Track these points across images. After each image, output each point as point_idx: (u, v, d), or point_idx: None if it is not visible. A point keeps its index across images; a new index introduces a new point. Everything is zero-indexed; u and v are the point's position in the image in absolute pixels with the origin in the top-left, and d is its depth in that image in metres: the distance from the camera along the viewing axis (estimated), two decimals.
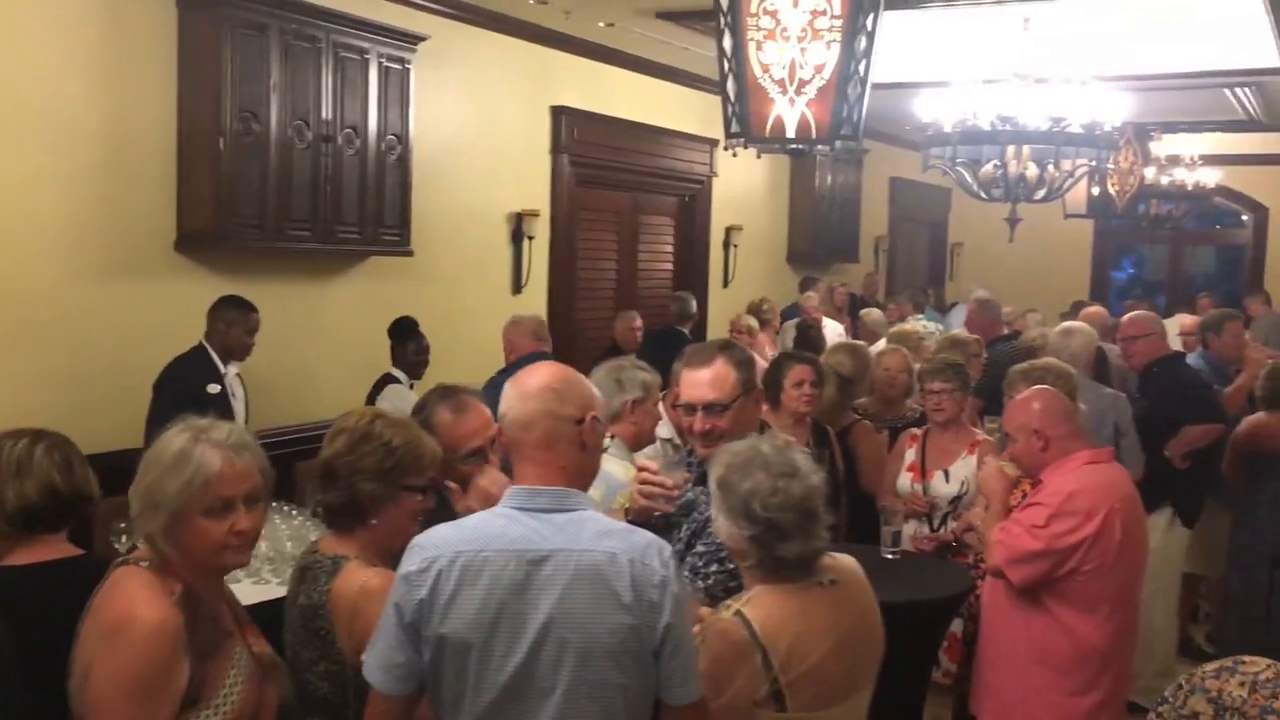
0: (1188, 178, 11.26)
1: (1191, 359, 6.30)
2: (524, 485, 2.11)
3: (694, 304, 8.47)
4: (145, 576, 2.04)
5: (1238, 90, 9.17)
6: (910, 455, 4.75)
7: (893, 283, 12.61)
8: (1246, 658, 1.71)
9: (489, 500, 2.47)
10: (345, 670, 2.22)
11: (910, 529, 4.54)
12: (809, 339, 7.80)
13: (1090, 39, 7.27)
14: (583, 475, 2.17)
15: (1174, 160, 11.15)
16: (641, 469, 2.69)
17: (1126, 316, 6.20)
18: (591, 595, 1.98)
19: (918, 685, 3.93)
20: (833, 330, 9.13)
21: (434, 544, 2.05)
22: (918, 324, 8.33)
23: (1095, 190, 10.40)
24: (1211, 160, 11.75)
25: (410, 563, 2.04)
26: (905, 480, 4.70)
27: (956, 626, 4.14)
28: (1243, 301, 10.97)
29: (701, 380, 2.81)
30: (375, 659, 2.04)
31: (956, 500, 4.55)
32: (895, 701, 3.61)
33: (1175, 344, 6.81)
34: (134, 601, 1.99)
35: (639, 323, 7.54)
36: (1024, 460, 3.54)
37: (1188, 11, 6.81)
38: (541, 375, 2.19)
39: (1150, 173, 10.43)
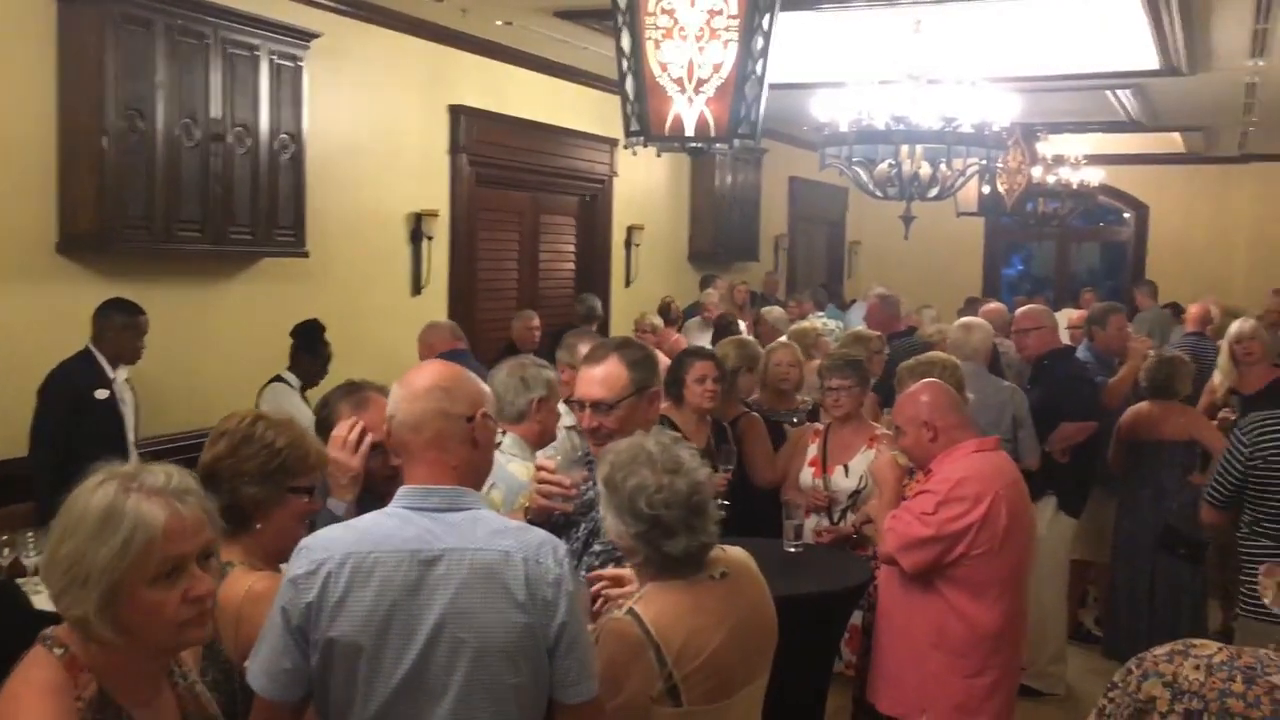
0: (1073, 177, 11.60)
1: (1078, 351, 6.50)
2: (416, 485, 2.08)
3: (599, 304, 8.47)
4: (47, 676, 1.63)
5: (1119, 92, 9.48)
6: (812, 450, 4.81)
7: (793, 281, 12.78)
8: (1196, 641, 1.73)
9: None
10: (233, 678, 2.16)
11: (812, 522, 4.60)
12: (730, 335, 7.85)
13: (980, 41, 7.46)
14: (475, 473, 2.16)
15: (1059, 160, 11.49)
16: (539, 468, 2.67)
17: (1020, 310, 6.39)
18: (485, 594, 1.96)
19: (820, 677, 3.97)
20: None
21: (322, 546, 2.01)
22: (817, 321, 8.46)
23: (985, 189, 10.66)
24: (1095, 160, 12.14)
25: (297, 565, 1.99)
26: (807, 474, 4.75)
27: (857, 618, 4.20)
28: (1132, 292, 11.39)
29: (593, 378, 2.81)
30: (259, 664, 1.99)
31: (856, 494, 4.63)
32: (798, 694, 3.67)
33: (1064, 337, 7.04)
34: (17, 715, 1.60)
35: (537, 322, 7.51)
36: (914, 452, 3.61)
37: (1072, 16, 7.02)
38: (428, 375, 2.17)
39: (1037, 172, 10.72)
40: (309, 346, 5.66)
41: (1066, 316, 8.22)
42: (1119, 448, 5.55)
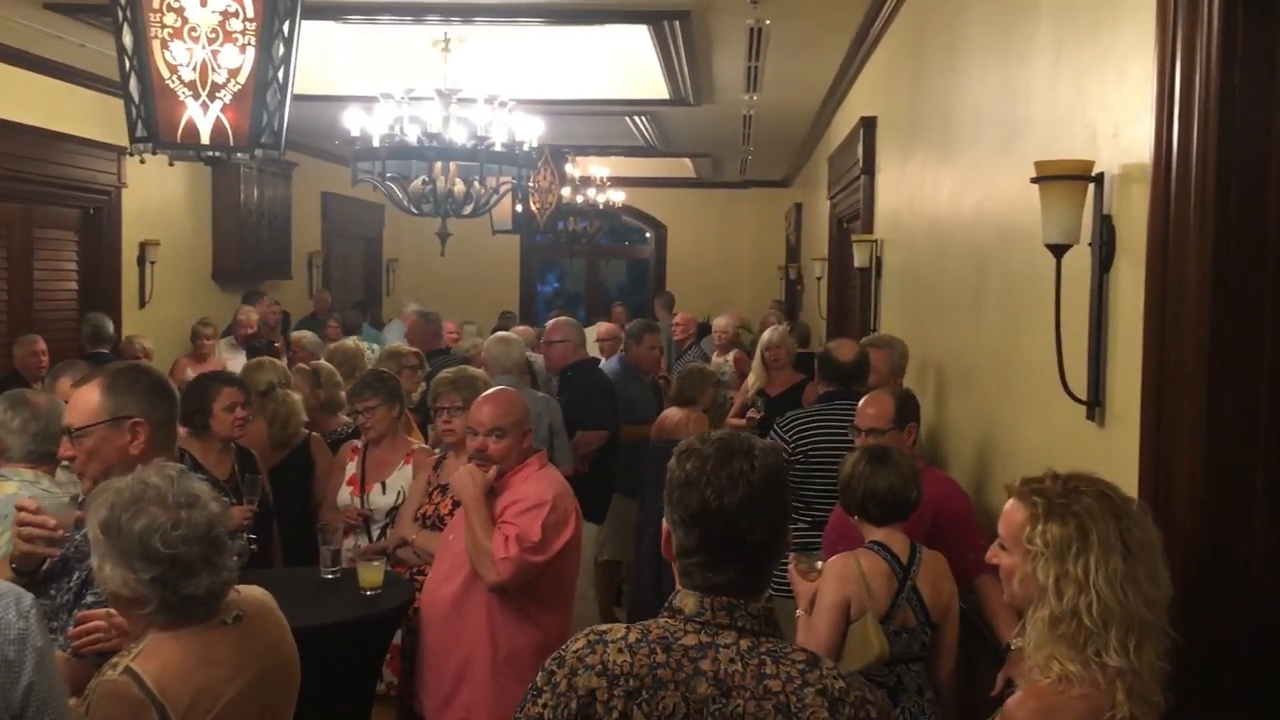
0: (598, 197, 12.26)
1: (610, 363, 6.82)
2: None
3: (109, 324, 7.67)
4: None
5: (637, 119, 10.13)
6: (351, 468, 4.71)
7: (329, 299, 12.41)
8: (603, 627, 1.83)
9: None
10: None
11: (350, 542, 4.45)
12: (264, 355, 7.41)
13: (508, 64, 7.63)
14: None
15: (586, 181, 12.08)
16: (20, 508, 2.33)
17: (549, 322, 6.61)
18: None
19: (363, 700, 3.86)
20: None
21: None
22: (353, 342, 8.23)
23: (519, 207, 10.96)
24: (618, 182, 12.92)
25: None
26: (345, 493, 4.66)
27: (398, 638, 4.09)
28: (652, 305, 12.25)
29: (70, 403, 2.59)
30: None
31: (393, 510, 4.53)
32: (340, 718, 3.53)
33: (594, 350, 7.36)
34: None
35: (42, 346, 6.72)
36: (498, 457, 3.54)
37: (594, 46, 7.38)
38: None
39: (567, 192, 11.19)
40: None
41: (597, 330, 8.62)
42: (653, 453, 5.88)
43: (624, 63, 7.74)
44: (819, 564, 3.04)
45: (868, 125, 6.63)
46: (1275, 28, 2.00)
